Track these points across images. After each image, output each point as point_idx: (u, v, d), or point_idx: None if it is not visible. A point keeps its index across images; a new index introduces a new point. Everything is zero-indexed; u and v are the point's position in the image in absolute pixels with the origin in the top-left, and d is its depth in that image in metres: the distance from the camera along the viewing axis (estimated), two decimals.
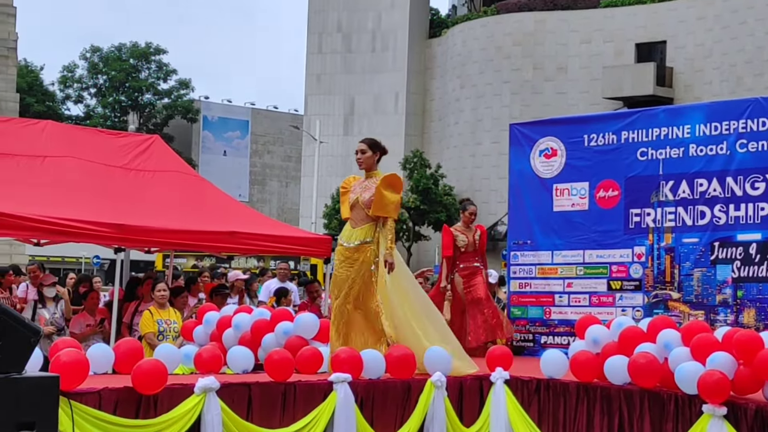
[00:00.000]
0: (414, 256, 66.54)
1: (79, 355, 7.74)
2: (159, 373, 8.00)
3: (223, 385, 8.38)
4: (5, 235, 14.84)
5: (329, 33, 74.50)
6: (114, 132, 18.17)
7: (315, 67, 74.92)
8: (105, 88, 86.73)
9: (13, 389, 6.59)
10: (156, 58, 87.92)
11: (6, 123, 15.79)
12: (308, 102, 75.62)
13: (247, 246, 15.53)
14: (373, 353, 9.80)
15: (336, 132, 72.27)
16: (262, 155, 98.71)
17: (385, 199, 10.39)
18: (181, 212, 14.95)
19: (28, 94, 70.97)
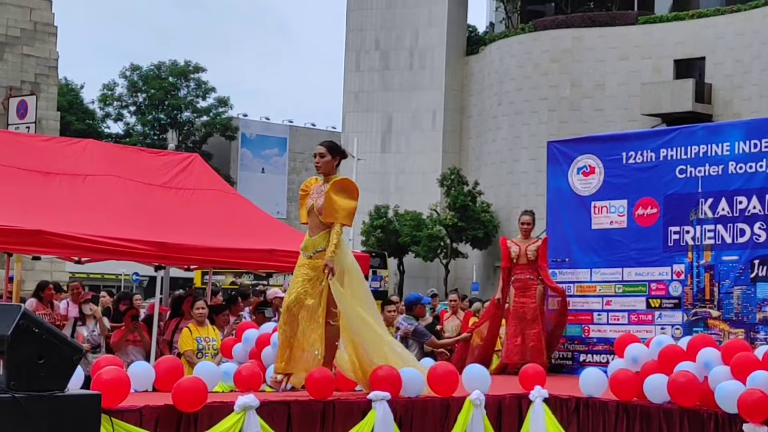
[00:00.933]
0: (452, 273, 66.50)
1: (121, 373, 7.80)
2: (199, 391, 8.05)
3: (263, 402, 8.41)
4: (48, 253, 15.01)
5: (367, 51, 74.71)
6: (154, 151, 18.32)
7: (353, 84, 75.13)
8: (144, 106, 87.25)
9: (56, 407, 6.65)
10: (195, 76, 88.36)
11: (48, 142, 15.98)
12: (346, 119, 75.83)
13: (285, 263, 15.57)
14: (413, 372, 9.81)
15: (374, 149, 72.39)
16: (300, 172, 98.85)
17: (335, 204, 9.84)
18: (221, 230, 15.05)
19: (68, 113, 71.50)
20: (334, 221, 9.85)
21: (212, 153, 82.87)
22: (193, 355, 13.64)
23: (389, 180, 73.38)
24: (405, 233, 65.39)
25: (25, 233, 12.78)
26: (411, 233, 65.19)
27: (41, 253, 16.05)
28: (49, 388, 6.66)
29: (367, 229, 66.63)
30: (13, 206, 13.30)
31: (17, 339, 6.53)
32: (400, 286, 64.46)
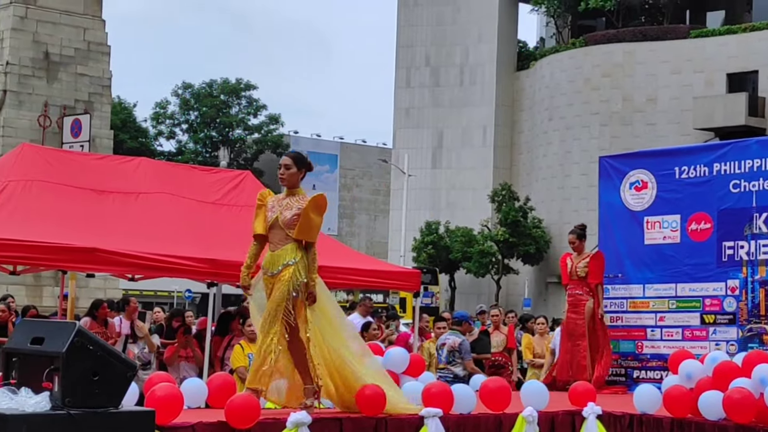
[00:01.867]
0: (503, 289, 66.28)
1: (174, 390, 7.85)
2: (252, 408, 8.08)
3: (315, 419, 8.42)
4: (102, 270, 15.13)
5: (417, 67, 74.79)
6: (206, 168, 18.42)
7: (403, 101, 75.23)
8: (196, 124, 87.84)
9: (111, 423, 6.69)
10: (246, 93, 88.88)
11: (102, 160, 16.12)
12: (397, 135, 75.90)
13: (337, 280, 15.61)
14: (464, 388, 9.79)
15: (424, 165, 72.38)
16: (350, 189, 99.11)
17: (312, 223, 9.47)
18: None
19: (121, 131, 72.13)
20: (309, 239, 9.50)
21: (263, 170, 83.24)
22: (245, 371, 13.65)
23: (440, 196, 73.35)
24: (456, 249, 65.28)
25: (80, 251, 12.90)
26: (462, 249, 65.06)
27: (95, 271, 16.18)
28: (103, 405, 6.70)
29: (418, 245, 66.59)
30: (68, 224, 13.44)
31: (72, 356, 6.58)
32: (452, 302, 64.32)
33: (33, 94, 34.03)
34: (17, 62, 33.68)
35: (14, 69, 33.65)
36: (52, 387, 6.61)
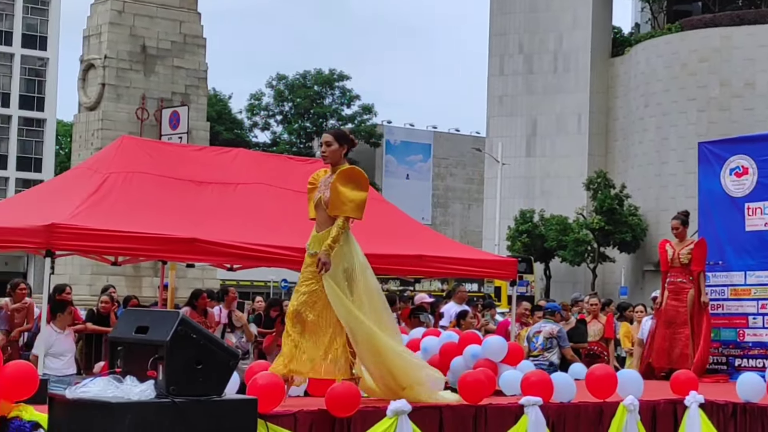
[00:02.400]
0: (599, 277, 65.77)
1: (276, 378, 7.90)
2: (353, 396, 8.10)
3: (415, 407, 8.42)
4: (202, 260, 15.32)
5: (511, 55, 74.48)
6: (302, 158, 18.53)
7: (497, 88, 74.98)
8: (291, 115, 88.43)
9: (214, 411, 6.77)
10: (340, 84, 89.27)
11: (200, 151, 16.29)
12: (490, 124, 75.69)
13: (434, 269, 15.63)
14: (564, 376, 9.73)
15: (518, 153, 72.10)
16: (444, 178, 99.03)
17: (342, 197, 8.87)
18: (369, 236, 15.06)
19: (217, 123, 72.83)
20: (343, 214, 8.91)
21: (357, 160, 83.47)
22: None
23: (534, 184, 73.03)
24: (551, 238, 64.95)
25: (180, 241, 13.06)
26: (557, 238, 64.72)
27: (195, 261, 16.39)
28: (206, 393, 6.78)
29: (513, 234, 66.37)
30: (168, 215, 13.62)
31: (176, 345, 6.67)
32: (547, 291, 64.01)
33: (131, 87, 34.52)
34: (115, 56, 34.18)
35: (112, 63, 34.15)
36: (156, 375, 6.70)
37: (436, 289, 37.01)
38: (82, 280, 31.01)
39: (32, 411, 7.27)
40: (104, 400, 6.55)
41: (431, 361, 11.00)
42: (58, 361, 13.75)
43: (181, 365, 6.70)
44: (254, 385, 7.72)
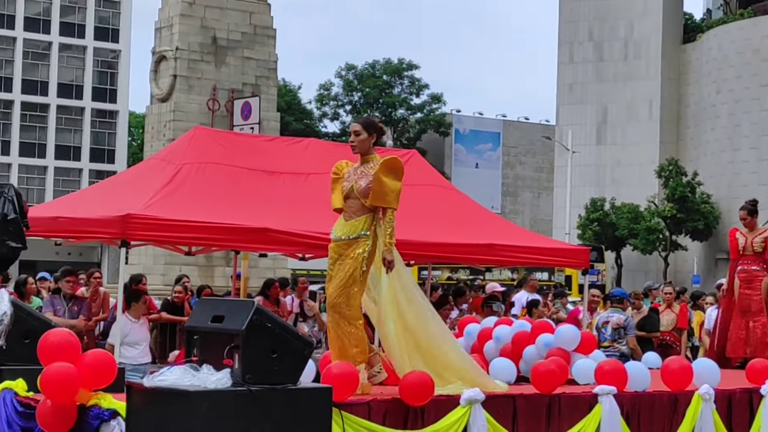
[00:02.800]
0: (671, 266, 65.21)
1: (350, 367, 7.94)
2: (426, 385, 8.12)
3: (488, 396, 8.42)
4: (274, 250, 15.43)
5: (581, 42, 74.00)
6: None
7: (567, 76, 74.55)
8: (360, 104, 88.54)
9: (289, 399, 6.82)
10: (408, 73, 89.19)
11: (271, 142, 16.41)
12: (560, 112, 75.28)
13: (505, 258, 15.62)
14: (638, 365, 9.67)
15: (588, 141, 71.62)
16: (513, 167, 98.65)
17: (385, 187, 8.86)
18: (440, 225, 15.14)
19: (287, 113, 73.10)
20: (385, 206, 8.92)
21: (426, 149, 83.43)
22: None
23: (605, 172, 72.53)
24: (622, 226, 64.49)
25: (252, 231, 13.17)
26: (628, 226, 64.24)
27: (268, 251, 16.51)
28: (282, 382, 6.83)
29: (584, 222, 65.99)
30: (240, 205, 13.73)
31: (251, 334, 6.73)
32: (618, 279, 63.58)
33: (202, 79, 34.75)
34: (186, 47, 34.42)
35: (183, 54, 34.40)
36: (232, 364, 6.76)
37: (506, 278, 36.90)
38: (156, 270, 31.29)
39: (110, 399, 7.37)
40: (181, 388, 6.63)
41: (504, 350, 11.00)
42: (133, 350, 13.91)
43: (257, 354, 6.76)
44: (328, 374, 7.77)
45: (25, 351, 8.49)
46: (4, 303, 8.61)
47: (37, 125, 69.46)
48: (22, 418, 7.69)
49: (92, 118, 71.08)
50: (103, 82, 71.50)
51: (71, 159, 70.30)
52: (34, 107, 69.23)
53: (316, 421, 6.94)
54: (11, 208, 12.34)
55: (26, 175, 67.53)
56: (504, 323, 11.77)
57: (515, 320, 12.45)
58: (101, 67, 71.74)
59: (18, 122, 68.79)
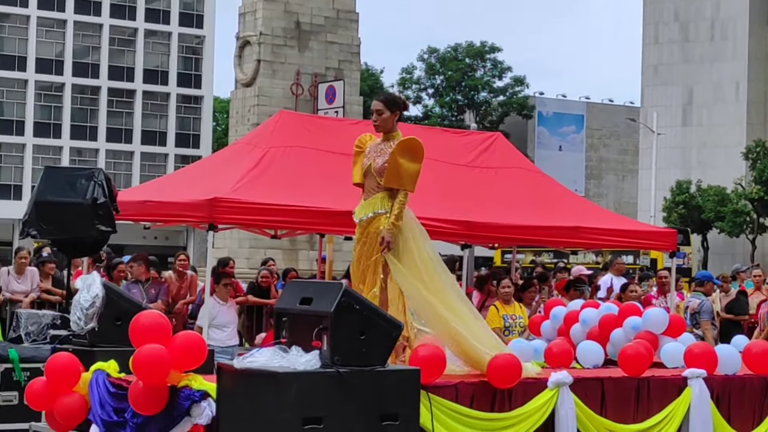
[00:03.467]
0: (759, 249, 64.31)
1: (437, 350, 7.93)
2: (514, 368, 8.09)
3: (576, 379, 8.38)
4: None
5: (666, 23, 73.14)
6: (458, 131, 18.56)
7: (651, 57, 73.78)
8: (442, 88, 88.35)
9: (378, 381, 6.85)
10: (491, 56, 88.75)
11: (356, 125, 16.40)
12: (645, 93, 74.53)
13: (591, 241, 15.52)
14: (728, 348, 9.55)
15: (674, 123, 70.84)
16: (597, 149, 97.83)
17: (401, 169, 8.55)
18: (525, 208, 15.10)
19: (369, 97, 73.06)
20: (400, 187, 8.61)
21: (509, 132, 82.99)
22: (500, 332, 13.74)
23: (691, 154, 71.69)
24: (708, 209, 63.68)
25: (338, 214, 13.21)
26: (715, 209, 63.42)
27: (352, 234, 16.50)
28: (370, 363, 6.87)
29: (669, 205, 65.27)
30: (326, 188, 13.79)
31: (339, 315, 6.78)
32: (704, 263, 62.82)
33: (285, 63, 34.93)
34: (270, 32, 34.62)
35: (267, 39, 34.61)
36: (321, 346, 6.81)
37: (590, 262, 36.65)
38: (241, 253, 31.57)
39: (201, 380, 7.45)
40: (271, 370, 6.69)
41: (591, 333, 10.94)
42: (221, 332, 14.05)
43: (345, 336, 6.81)
44: (416, 357, 7.78)
45: (116, 333, 8.63)
46: (96, 285, 8.75)
47: (123, 111, 70.34)
48: (114, 398, 7.80)
49: (177, 104, 71.77)
50: (188, 68, 72.16)
51: (157, 144, 71.09)
52: (121, 93, 70.10)
53: (404, 403, 6.97)
54: (101, 192, 12.57)
55: (113, 160, 68.41)
56: (591, 306, 11.70)
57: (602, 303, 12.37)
58: (186, 53, 72.38)
59: (105, 108, 69.70)
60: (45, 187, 12.87)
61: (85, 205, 12.48)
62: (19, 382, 11.81)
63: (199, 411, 7.28)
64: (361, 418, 6.74)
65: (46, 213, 12.72)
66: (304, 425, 6.55)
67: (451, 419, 7.67)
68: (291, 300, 7.26)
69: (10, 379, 11.93)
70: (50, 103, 68.65)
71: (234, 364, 6.99)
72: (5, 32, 67.41)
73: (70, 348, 8.85)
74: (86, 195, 12.48)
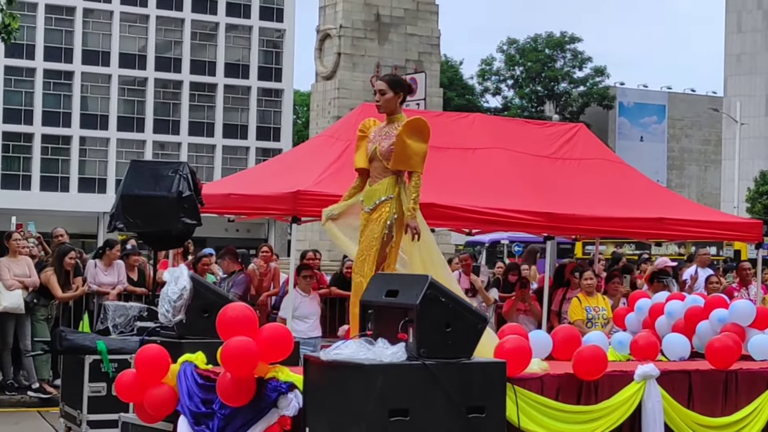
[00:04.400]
0: None
1: (523, 342, 7.90)
2: (600, 360, 8.04)
3: (663, 372, 8.31)
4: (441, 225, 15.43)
5: (749, 11, 72.17)
6: (539, 122, 18.48)
7: (734, 46, 72.84)
8: (522, 79, 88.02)
9: (464, 373, 6.85)
10: (571, 46, 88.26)
11: (438, 117, 16.43)
12: (728, 83, 73.62)
13: (675, 232, 15.37)
14: None
15: (758, 113, 69.92)
16: (679, 139, 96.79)
17: (409, 150, 8.42)
18: (608, 199, 15.00)
19: (448, 89, 73.16)
20: (408, 169, 8.54)
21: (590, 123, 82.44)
22: (582, 324, 13.69)
23: None
24: None
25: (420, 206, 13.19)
26: None
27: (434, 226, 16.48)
28: (456, 356, 6.87)
29: (753, 195, 64.39)
30: None
31: (425, 308, 6.78)
32: None
33: (365, 56, 34.97)
34: (350, 25, 34.68)
35: (347, 32, 34.67)
36: (407, 338, 6.82)
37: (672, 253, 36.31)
38: (322, 246, 31.58)
39: (288, 372, 7.50)
40: (357, 362, 6.70)
41: (676, 325, 10.83)
42: (303, 323, 14.13)
43: (431, 328, 6.80)
44: (501, 349, 7.75)
45: (203, 324, 8.73)
46: (184, 278, 8.85)
47: (205, 105, 70.97)
48: (202, 390, 7.89)
49: (258, 97, 72.25)
50: (268, 61, 72.57)
51: (238, 137, 71.64)
52: (203, 87, 70.72)
53: (490, 396, 6.96)
54: (186, 185, 12.71)
55: (195, 153, 69.05)
56: (676, 298, 11.58)
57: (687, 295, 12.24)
58: (267, 47, 72.82)
59: (187, 102, 70.39)
60: (131, 181, 13.03)
61: (170, 199, 12.62)
62: (107, 374, 11.98)
63: (286, 402, 7.34)
64: (447, 410, 6.74)
65: (133, 206, 12.88)
66: (390, 417, 6.56)
67: (536, 412, 7.63)
68: (377, 292, 7.28)
69: (98, 370, 12.11)
70: (133, 98, 69.53)
71: (321, 356, 7.03)
72: (89, 28, 68.37)
73: (159, 340, 8.97)
74: (172, 188, 12.62)
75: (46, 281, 15.60)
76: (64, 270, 15.70)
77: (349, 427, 6.69)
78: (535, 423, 7.58)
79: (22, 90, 67.06)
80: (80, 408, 12.16)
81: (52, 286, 15.59)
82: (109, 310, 12.66)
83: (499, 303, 16.60)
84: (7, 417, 14.37)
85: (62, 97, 67.72)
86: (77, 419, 12.29)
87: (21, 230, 17.04)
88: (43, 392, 15.37)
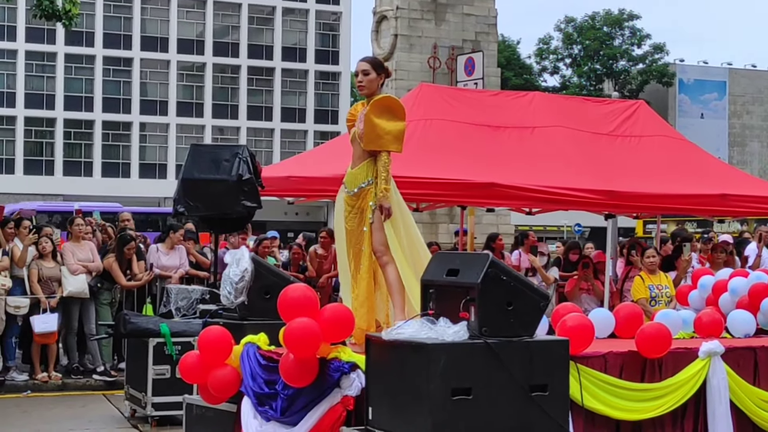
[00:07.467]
0: None
1: (585, 320, 7.86)
2: (663, 337, 7.97)
3: (728, 349, 8.23)
4: (501, 204, 15.45)
5: None
6: (599, 99, 18.35)
7: None
8: (580, 57, 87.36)
9: (526, 352, 6.81)
10: (629, 24, 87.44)
11: (496, 96, 16.39)
12: None
13: (738, 209, 15.22)
14: None
15: None
16: (740, 116, 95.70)
17: (378, 129, 8.08)
18: (670, 176, 14.87)
19: (506, 69, 72.79)
20: (380, 149, 8.17)
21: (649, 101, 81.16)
22: (646, 302, 13.59)
23: None
24: None
25: (479, 186, 13.21)
26: None
27: (494, 206, 16.53)
28: (518, 334, 6.84)
29: None
30: (466, 160, 13.78)
31: (487, 286, 6.74)
32: None
33: (422, 37, 34.85)
34: (406, 6, 34.57)
35: (404, 13, 34.57)
36: (468, 317, 6.79)
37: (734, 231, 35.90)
38: None
39: (350, 352, 7.52)
40: (419, 341, 6.69)
41: (740, 302, 10.72)
42: None
43: (493, 306, 6.77)
44: (564, 327, 7.72)
45: (265, 306, 8.79)
46: (245, 260, 8.89)
47: (263, 89, 71.24)
48: (265, 371, 7.92)
49: (316, 80, 72.40)
50: (325, 45, 72.67)
51: (296, 121, 71.85)
52: (260, 71, 70.98)
53: (553, 374, 6.92)
54: (246, 168, 12.77)
55: (254, 137, 69.37)
56: (740, 275, 11.46)
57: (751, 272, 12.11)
58: (323, 30, 72.90)
59: (245, 86, 70.69)
60: (191, 165, 13.13)
61: (230, 182, 12.71)
62: (170, 356, 12.12)
63: (349, 382, 7.35)
64: (510, 388, 6.71)
65: (193, 190, 12.99)
66: (452, 396, 6.55)
67: (600, 390, 7.60)
68: (437, 271, 7.26)
69: (162, 353, 12.24)
70: (192, 83, 69.90)
71: (382, 335, 7.03)
72: (147, 14, 68.82)
73: (221, 322, 9.03)
74: (231, 172, 12.70)
75: (108, 267, 15.75)
76: (125, 258, 15.84)
77: (412, 407, 6.69)
78: (598, 401, 7.55)
79: (82, 77, 67.66)
80: (145, 390, 12.31)
81: (116, 273, 15.74)
82: (172, 294, 12.78)
83: (560, 282, 16.53)
84: (73, 400, 14.54)
85: (122, 83, 68.27)
86: (142, 401, 12.43)
87: (80, 215, 17.18)
88: (108, 375, 15.54)
